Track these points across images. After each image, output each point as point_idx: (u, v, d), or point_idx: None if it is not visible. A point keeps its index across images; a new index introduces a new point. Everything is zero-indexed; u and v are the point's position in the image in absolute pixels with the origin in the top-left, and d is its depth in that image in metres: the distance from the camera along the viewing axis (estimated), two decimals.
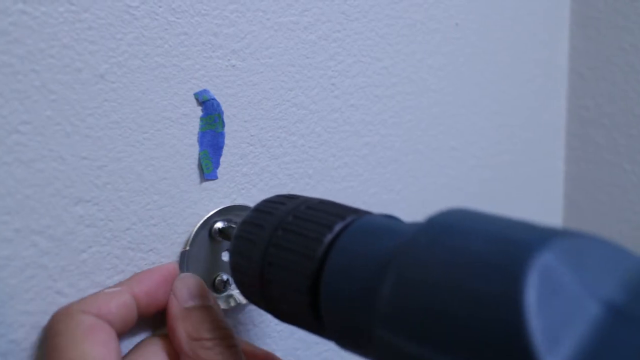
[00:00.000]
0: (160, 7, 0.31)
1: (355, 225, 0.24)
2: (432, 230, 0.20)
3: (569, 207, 0.59)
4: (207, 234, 0.34)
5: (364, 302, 0.22)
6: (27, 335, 0.28)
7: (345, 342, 0.24)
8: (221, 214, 0.34)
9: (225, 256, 0.35)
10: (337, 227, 0.25)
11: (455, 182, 0.49)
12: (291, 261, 0.25)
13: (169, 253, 0.33)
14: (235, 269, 0.29)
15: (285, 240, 0.26)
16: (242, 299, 0.35)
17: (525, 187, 0.56)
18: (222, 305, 0.34)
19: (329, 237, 0.24)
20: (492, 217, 0.20)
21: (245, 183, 0.36)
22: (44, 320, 0.28)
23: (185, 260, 0.33)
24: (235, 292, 0.35)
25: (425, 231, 0.20)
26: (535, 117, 0.55)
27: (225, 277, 0.35)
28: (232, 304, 0.35)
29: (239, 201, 0.35)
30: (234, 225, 0.35)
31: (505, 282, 0.16)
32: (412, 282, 0.19)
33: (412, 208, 0.45)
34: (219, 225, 0.34)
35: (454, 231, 0.19)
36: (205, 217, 0.33)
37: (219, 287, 0.35)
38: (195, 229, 0.33)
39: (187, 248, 0.33)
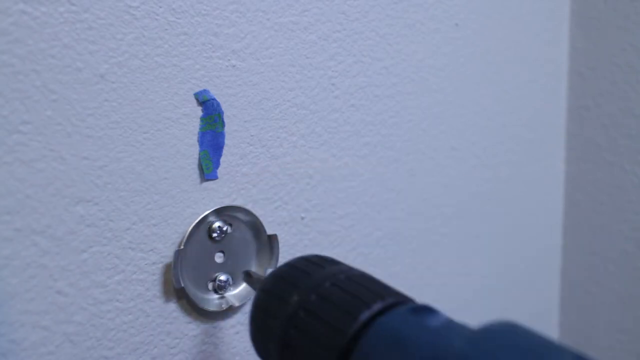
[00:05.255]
0: (160, 7, 0.31)
1: (396, 313, 0.24)
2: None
3: (569, 207, 0.59)
4: (205, 234, 0.34)
5: None
6: (28, 335, 0.28)
7: None
8: (217, 213, 0.34)
9: (218, 258, 0.35)
10: (375, 307, 0.24)
11: (455, 182, 0.49)
12: (319, 331, 0.24)
13: (169, 253, 0.33)
14: (256, 322, 0.27)
15: (318, 307, 0.25)
16: (234, 302, 0.35)
17: (526, 187, 0.56)
18: (214, 308, 0.34)
19: (365, 315, 0.24)
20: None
21: (245, 183, 0.36)
22: (44, 319, 0.29)
23: (179, 260, 0.32)
24: (227, 294, 0.35)
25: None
26: (535, 117, 0.55)
27: (224, 277, 0.35)
28: (224, 306, 0.35)
29: (239, 201, 0.35)
30: (230, 226, 0.35)
31: None
32: None
33: (413, 208, 0.45)
34: (218, 224, 0.34)
35: None
36: (200, 217, 0.33)
37: (219, 289, 0.35)
38: (190, 228, 0.33)
39: (182, 247, 0.33)
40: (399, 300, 0.25)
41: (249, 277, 0.34)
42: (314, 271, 0.27)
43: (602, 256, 0.57)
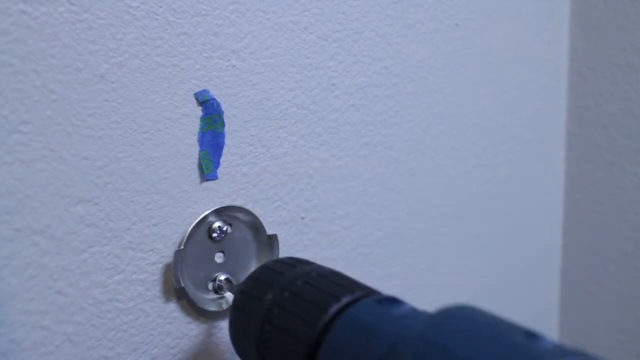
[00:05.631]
0: (160, 7, 0.31)
1: (363, 304, 0.25)
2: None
3: (569, 207, 0.59)
4: (205, 234, 0.34)
5: None
6: (28, 335, 0.28)
7: None
8: (217, 213, 0.34)
9: (218, 258, 0.35)
10: (345, 300, 0.25)
11: (455, 182, 0.49)
12: (292, 325, 0.25)
13: (169, 253, 0.33)
14: (234, 323, 0.28)
15: (291, 304, 0.26)
16: None
17: (526, 187, 0.56)
18: (214, 308, 0.34)
19: (334, 308, 0.25)
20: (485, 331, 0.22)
21: (245, 183, 0.36)
22: (44, 319, 0.29)
23: (179, 260, 0.32)
24: (227, 294, 0.35)
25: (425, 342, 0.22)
26: (535, 117, 0.55)
27: (224, 277, 0.35)
28: (224, 306, 0.35)
29: (239, 201, 0.35)
30: (230, 226, 0.35)
31: None
32: None
33: (413, 208, 0.45)
34: (217, 224, 0.34)
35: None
36: (200, 217, 0.33)
37: (219, 289, 0.35)
38: (190, 228, 0.33)
39: (182, 247, 0.33)
40: (367, 293, 0.26)
41: (229, 284, 0.34)
42: (287, 271, 0.28)
43: (602, 256, 0.57)
